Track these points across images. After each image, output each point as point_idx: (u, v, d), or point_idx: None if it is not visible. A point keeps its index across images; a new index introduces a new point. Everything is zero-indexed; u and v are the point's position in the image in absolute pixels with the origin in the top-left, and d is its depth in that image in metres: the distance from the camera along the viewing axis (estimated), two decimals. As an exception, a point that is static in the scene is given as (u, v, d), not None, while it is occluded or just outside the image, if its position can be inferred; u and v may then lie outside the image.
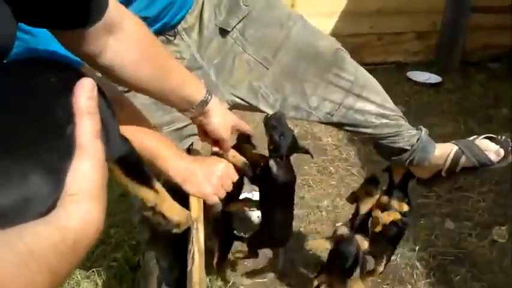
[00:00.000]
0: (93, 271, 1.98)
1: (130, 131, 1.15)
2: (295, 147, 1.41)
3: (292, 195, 1.47)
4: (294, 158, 2.50)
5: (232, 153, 1.31)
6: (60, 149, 0.50)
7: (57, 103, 0.52)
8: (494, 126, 3.09)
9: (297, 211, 2.37)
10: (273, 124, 1.36)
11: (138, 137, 1.15)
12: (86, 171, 0.50)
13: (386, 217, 1.61)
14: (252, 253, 1.68)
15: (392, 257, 2.06)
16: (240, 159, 1.33)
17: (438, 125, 3.14)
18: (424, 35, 3.99)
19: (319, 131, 3.06)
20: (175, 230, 0.83)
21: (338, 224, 2.30)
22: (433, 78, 3.76)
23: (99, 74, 0.99)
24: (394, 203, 1.64)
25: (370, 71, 1.55)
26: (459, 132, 3.03)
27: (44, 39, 0.84)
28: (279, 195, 1.45)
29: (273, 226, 1.51)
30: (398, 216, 1.62)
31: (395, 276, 2.01)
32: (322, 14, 3.74)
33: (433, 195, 2.45)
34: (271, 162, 1.39)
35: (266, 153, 1.41)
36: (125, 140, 0.70)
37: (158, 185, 0.77)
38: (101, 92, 0.62)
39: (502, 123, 3.14)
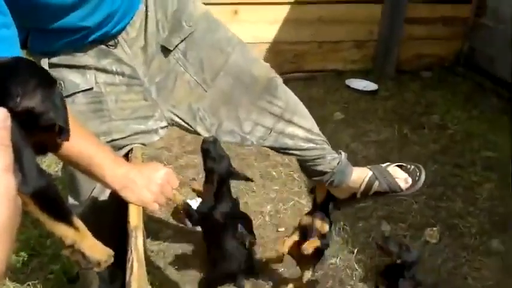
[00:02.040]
0: (28, 285, 1.89)
1: (66, 144, 1.12)
2: (229, 172, 1.53)
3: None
4: (236, 162, 2.52)
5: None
6: None
7: None
8: (426, 132, 3.27)
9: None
10: (207, 148, 1.47)
11: (73, 144, 1.11)
12: None
13: (309, 245, 1.72)
14: None
15: (332, 260, 2.14)
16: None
17: (374, 130, 3.27)
18: (362, 44, 4.14)
19: (262, 137, 3.09)
20: (96, 269, 0.78)
21: (281, 229, 2.34)
22: (370, 85, 3.91)
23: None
24: (317, 223, 1.76)
25: (310, 79, 1.61)
26: (393, 138, 3.18)
27: None
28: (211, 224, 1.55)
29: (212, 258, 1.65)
30: (318, 243, 1.75)
31: (336, 278, 2.06)
32: (264, 21, 3.80)
33: (369, 199, 2.54)
34: (204, 186, 1.50)
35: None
36: (43, 173, 0.66)
37: (78, 222, 0.73)
38: (15, 120, 0.59)
39: (433, 129, 3.31)
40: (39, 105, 0.65)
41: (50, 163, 2.68)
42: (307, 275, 1.85)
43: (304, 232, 1.78)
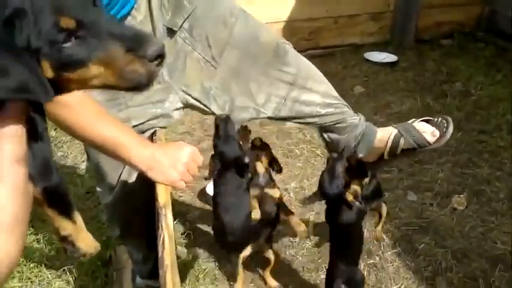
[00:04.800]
0: (64, 270, 1.95)
1: (88, 124, 1.16)
2: (236, 155, 1.49)
3: (240, 196, 1.54)
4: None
5: None
6: None
7: None
8: (449, 101, 3.22)
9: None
10: (218, 124, 1.47)
11: (97, 128, 1.15)
12: (2, 201, 0.47)
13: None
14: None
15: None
16: None
17: (396, 102, 3.24)
18: (378, 16, 4.08)
19: (282, 116, 3.10)
20: (81, 258, 0.83)
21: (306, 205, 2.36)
22: (389, 57, 3.86)
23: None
24: (354, 184, 1.68)
25: (328, 55, 1.59)
26: (416, 108, 3.14)
27: None
28: (222, 196, 1.55)
29: (222, 228, 1.59)
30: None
31: (364, 249, 2.07)
32: (278, 0, 3.77)
33: (394, 169, 2.54)
34: (210, 161, 1.52)
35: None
36: (55, 170, 0.66)
37: (77, 217, 0.76)
38: (35, 112, 0.57)
39: (456, 97, 3.26)
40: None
41: (76, 154, 2.75)
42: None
43: None
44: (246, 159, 1.51)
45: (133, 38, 0.58)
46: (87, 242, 0.80)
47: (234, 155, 1.50)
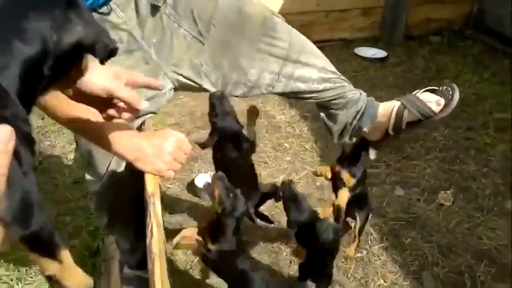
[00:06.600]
0: (50, 260, 1.94)
1: (75, 113, 1.14)
2: (233, 130, 1.45)
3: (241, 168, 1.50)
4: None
5: None
6: None
7: None
8: (438, 97, 3.24)
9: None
10: (213, 102, 1.42)
11: (84, 117, 1.13)
12: None
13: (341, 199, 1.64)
14: None
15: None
16: None
17: (385, 98, 3.19)
18: (369, 11, 4.09)
19: (272, 109, 3.10)
20: None
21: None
22: (379, 53, 3.88)
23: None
24: (344, 175, 1.67)
25: (318, 48, 1.54)
26: (405, 104, 3.16)
27: None
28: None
29: None
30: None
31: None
32: (269, -7, 3.76)
33: (382, 164, 2.56)
34: (208, 139, 1.46)
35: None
36: (38, 211, 0.60)
37: (65, 255, 0.69)
38: (22, 140, 0.53)
39: (444, 93, 3.28)
40: (86, 35, 0.56)
41: (64, 143, 2.73)
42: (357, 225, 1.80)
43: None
44: (245, 134, 1.48)
45: None
46: (76, 280, 0.74)
47: (233, 130, 1.46)
